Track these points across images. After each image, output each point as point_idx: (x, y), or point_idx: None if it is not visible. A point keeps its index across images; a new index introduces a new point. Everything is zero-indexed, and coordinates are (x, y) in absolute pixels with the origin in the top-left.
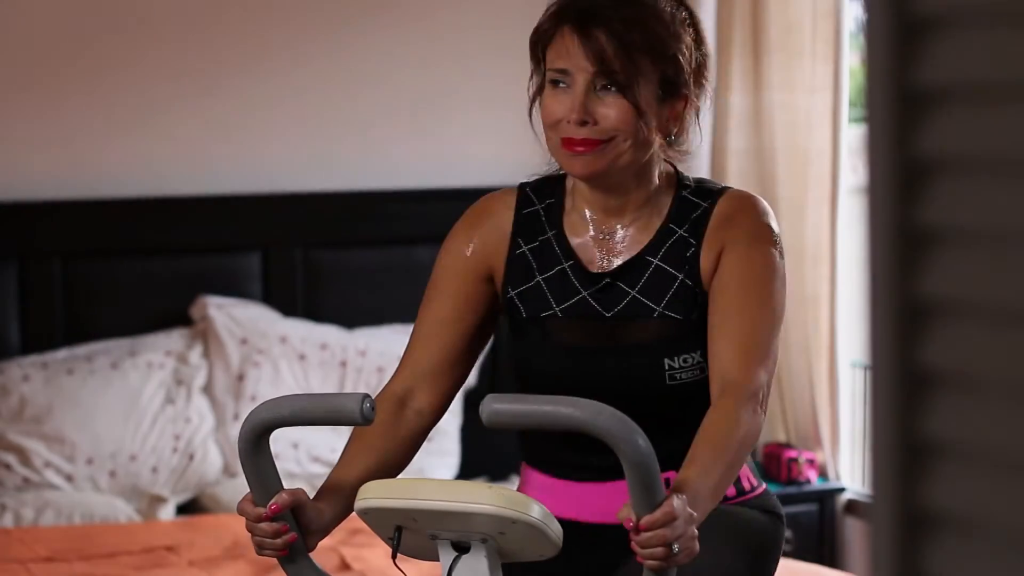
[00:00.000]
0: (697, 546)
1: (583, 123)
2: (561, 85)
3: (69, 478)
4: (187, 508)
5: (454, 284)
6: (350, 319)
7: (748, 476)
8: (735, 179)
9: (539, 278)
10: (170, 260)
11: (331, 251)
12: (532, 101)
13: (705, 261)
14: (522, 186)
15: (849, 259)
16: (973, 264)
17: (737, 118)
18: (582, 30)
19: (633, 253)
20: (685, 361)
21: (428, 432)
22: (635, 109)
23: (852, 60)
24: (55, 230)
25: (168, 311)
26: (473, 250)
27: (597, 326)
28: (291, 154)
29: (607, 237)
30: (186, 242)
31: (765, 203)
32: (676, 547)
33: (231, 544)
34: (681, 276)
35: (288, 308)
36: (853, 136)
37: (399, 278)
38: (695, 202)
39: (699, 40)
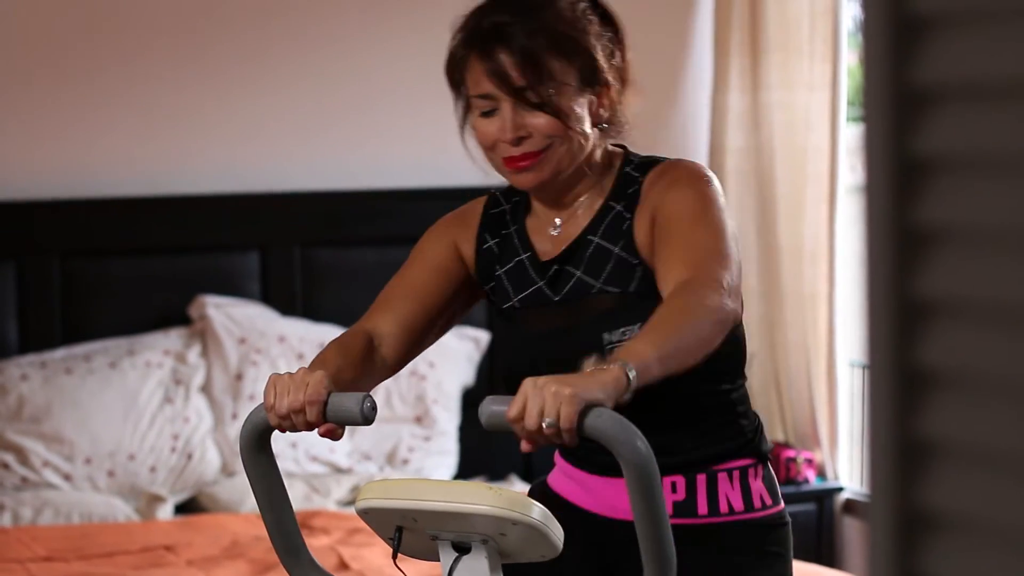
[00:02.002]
0: (576, 404)
1: (519, 140)
2: (488, 111)
3: (67, 477)
4: (185, 507)
5: (429, 255)
6: (348, 318)
7: (762, 493)
8: (733, 177)
9: (500, 271)
10: (168, 259)
11: (329, 250)
12: (462, 125)
13: (639, 230)
14: (493, 191)
15: (847, 258)
16: (971, 262)
17: (735, 117)
18: (488, 55)
19: (575, 235)
20: (624, 334)
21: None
22: (561, 118)
23: (850, 59)
24: (53, 229)
25: (166, 310)
26: (452, 238)
27: (549, 312)
28: (289, 153)
29: (557, 225)
30: (184, 241)
31: (699, 163)
32: (549, 420)
33: (229, 543)
34: (616, 249)
35: (286, 307)
36: (851, 135)
37: None
38: (634, 177)
39: (609, 25)
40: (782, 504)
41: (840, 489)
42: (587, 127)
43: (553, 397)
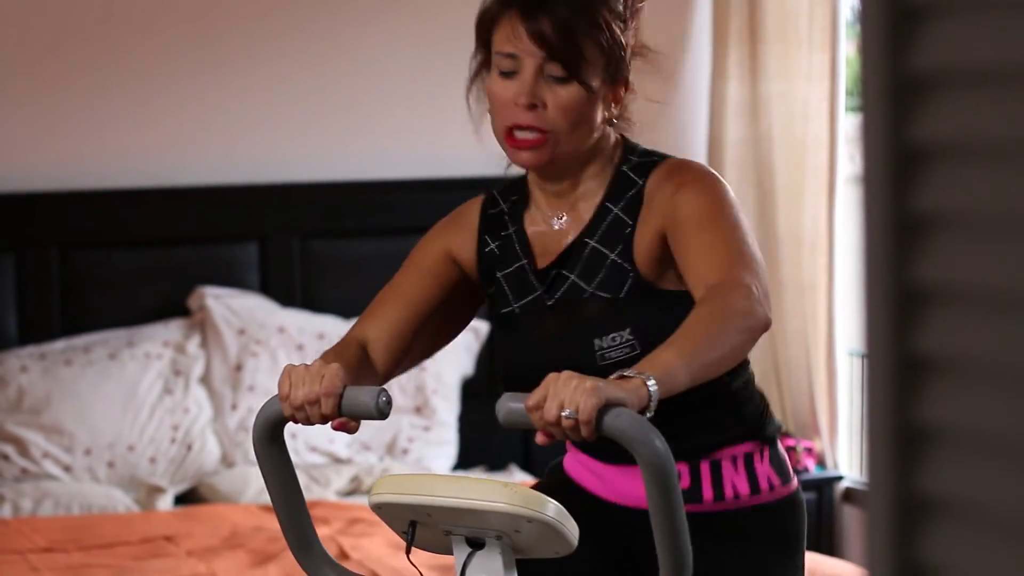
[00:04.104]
0: (597, 397)
1: (532, 107)
2: (509, 72)
3: (67, 469)
4: (185, 498)
5: (421, 262)
6: (347, 309)
7: (769, 476)
8: (732, 168)
9: (499, 275)
10: (167, 251)
11: (328, 241)
12: (472, 80)
13: (641, 238)
14: (490, 190)
15: (847, 247)
16: (968, 250)
17: (734, 107)
18: (528, 16)
19: (573, 237)
20: (614, 340)
21: None
22: (586, 91)
23: (849, 49)
24: (52, 221)
25: (166, 302)
26: (445, 243)
27: (545, 317)
28: (288, 144)
29: (556, 221)
30: (183, 232)
31: (701, 163)
32: (568, 411)
33: (229, 534)
34: (613, 255)
35: (285, 298)
36: (850, 124)
37: (395, 268)
38: (632, 179)
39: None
40: (795, 482)
41: (840, 478)
42: (599, 118)
43: (574, 389)
